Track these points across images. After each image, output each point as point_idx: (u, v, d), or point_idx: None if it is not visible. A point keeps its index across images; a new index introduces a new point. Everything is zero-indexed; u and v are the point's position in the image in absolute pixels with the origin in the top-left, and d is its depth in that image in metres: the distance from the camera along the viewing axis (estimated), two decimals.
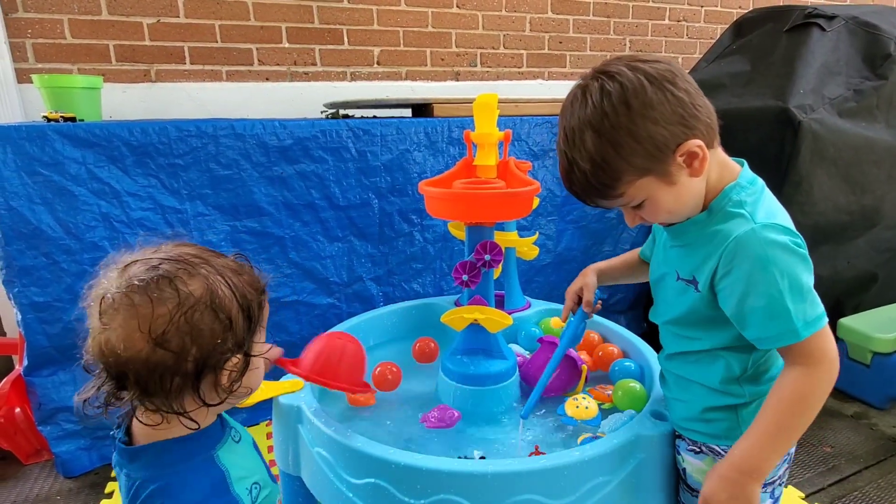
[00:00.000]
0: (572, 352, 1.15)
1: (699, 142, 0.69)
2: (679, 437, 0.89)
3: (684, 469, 0.87)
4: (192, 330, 0.56)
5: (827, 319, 0.69)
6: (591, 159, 0.70)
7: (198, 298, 0.57)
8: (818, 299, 0.69)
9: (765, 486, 0.82)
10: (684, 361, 0.85)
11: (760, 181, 0.76)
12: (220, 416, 0.67)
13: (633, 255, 1.04)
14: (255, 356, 0.63)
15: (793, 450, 0.83)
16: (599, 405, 1.08)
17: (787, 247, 0.68)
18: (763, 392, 0.78)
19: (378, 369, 1.18)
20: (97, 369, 0.57)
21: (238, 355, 0.60)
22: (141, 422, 0.60)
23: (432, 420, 1.04)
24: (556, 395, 1.18)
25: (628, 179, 0.70)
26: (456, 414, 1.05)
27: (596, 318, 1.39)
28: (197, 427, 0.60)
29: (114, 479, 1.51)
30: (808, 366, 0.69)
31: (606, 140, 0.68)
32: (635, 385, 1.07)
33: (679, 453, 0.89)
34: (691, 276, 0.77)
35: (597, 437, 0.99)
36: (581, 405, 1.03)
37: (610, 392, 1.11)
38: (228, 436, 0.66)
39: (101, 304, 0.56)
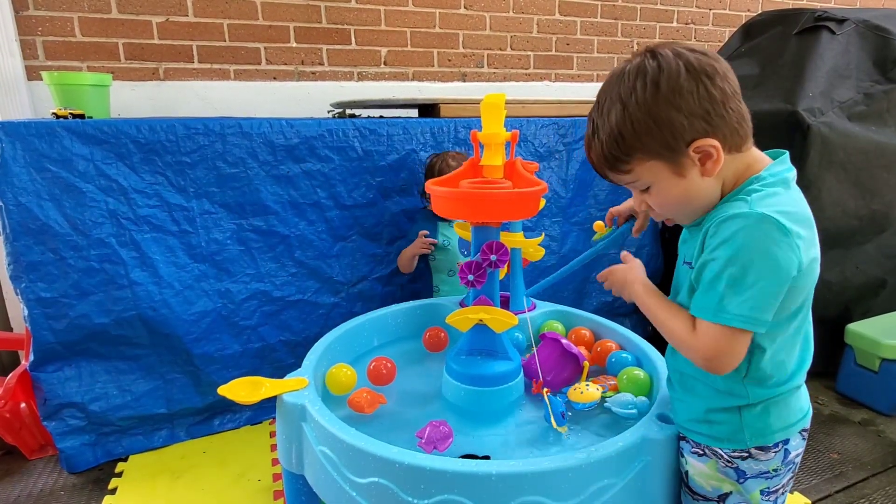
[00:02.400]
0: (573, 347, 1.15)
1: (716, 142, 0.70)
2: (683, 438, 0.88)
3: (687, 472, 0.87)
4: None
5: (750, 330, 0.70)
6: (611, 130, 0.73)
7: None
8: (762, 305, 0.68)
9: (767, 494, 0.82)
10: None
11: (786, 176, 0.74)
12: None
13: None
14: None
15: (798, 458, 0.83)
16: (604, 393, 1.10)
17: (764, 240, 0.67)
18: (767, 395, 0.77)
19: (372, 364, 1.18)
20: None
21: None
22: None
23: (430, 446, 0.95)
24: (559, 391, 1.17)
25: (639, 157, 0.73)
26: (447, 430, 0.97)
27: (600, 320, 1.39)
28: None
29: (117, 476, 1.52)
30: (695, 337, 0.74)
31: (628, 115, 0.71)
32: (639, 373, 1.12)
33: (682, 455, 0.88)
34: (691, 258, 0.78)
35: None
36: (581, 390, 1.06)
37: (614, 382, 1.15)
38: None
39: None
